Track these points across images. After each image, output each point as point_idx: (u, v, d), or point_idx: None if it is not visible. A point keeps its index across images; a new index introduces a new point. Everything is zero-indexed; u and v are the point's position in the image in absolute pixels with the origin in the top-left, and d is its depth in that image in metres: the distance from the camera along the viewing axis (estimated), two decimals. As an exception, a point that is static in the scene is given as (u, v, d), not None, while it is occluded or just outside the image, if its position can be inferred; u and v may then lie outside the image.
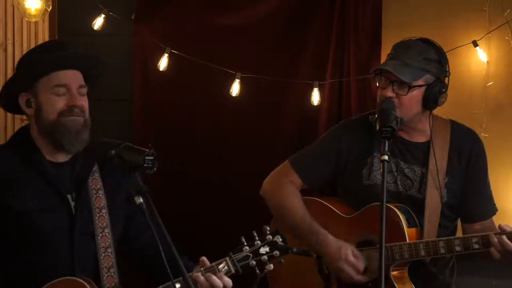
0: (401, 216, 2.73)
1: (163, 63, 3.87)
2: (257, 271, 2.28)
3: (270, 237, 2.28)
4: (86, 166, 2.47)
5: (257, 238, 2.28)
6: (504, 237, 2.55)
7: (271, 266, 2.28)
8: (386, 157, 2.37)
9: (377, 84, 2.80)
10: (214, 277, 2.27)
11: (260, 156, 3.87)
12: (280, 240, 2.29)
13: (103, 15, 3.90)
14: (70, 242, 2.38)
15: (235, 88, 3.79)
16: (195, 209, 4.02)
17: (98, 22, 3.91)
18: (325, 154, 2.94)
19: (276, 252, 2.29)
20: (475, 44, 3.54)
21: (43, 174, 2.39)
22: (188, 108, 4.04)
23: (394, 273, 2.75)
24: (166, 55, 3.86)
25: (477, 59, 3.58)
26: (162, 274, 2.10)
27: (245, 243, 2.28)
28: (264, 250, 2.28)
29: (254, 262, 2.27)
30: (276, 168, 3.04)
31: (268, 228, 2.30)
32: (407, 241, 2.71)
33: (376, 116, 2.70)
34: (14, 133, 2.59)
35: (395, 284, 2.72)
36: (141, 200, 2.06)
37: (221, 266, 2.30)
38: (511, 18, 3.51)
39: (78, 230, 2.39)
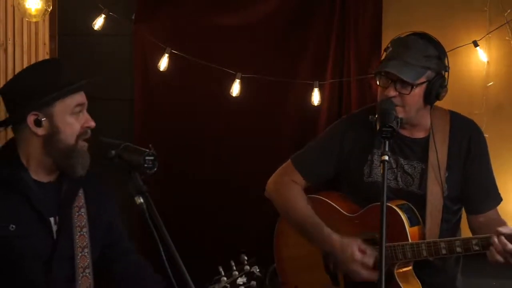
0: (402, 216, 2.73)
1: (163, 63, 3.87)
2: None
3: (248, 267, 2.30)
4: (72, 190, 2.44)
5: (234, 269, 2.29)
6: (503, 237, 2.55)
7: None
8: (386, 158, 2.36)
9: (378, 83, 2.80)
10: None
11: (260, 156, 3.87)
12: (257, 270, 2.30)
13: (103, 15, 3.90)
14: (48, 266, 2.34)
15: (235, 88, 3.79)
16: (195, 209, 4.02)
17: (98, 22, 3.91)
18: (327, 152, 2.95)
19: (253, 283, 2.29)
20: (475, 44, 3.53)
21: (27, 196, 2.34)
22: (188, 108, 4.04)
23: (399, 271, 2.75)
24: (166, 55, 3.86)
25: (478, 59, 3.58)
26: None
27: (223, 273, 2.29)
28: (241, 280, 2.28)
29: None
30: (278, 167, 3.05)
31: (246, 258, 2.31)
32: (410, 240, 2.71)
33: (376, 116, 2.70)
34: (0, 148, 2.51)
35: (400, 284, 2.72)
36: (141, 200, 2.05)
37: None
38: (511, 18, 3.51)
39: (58, 255, 2.36)
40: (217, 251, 3.92)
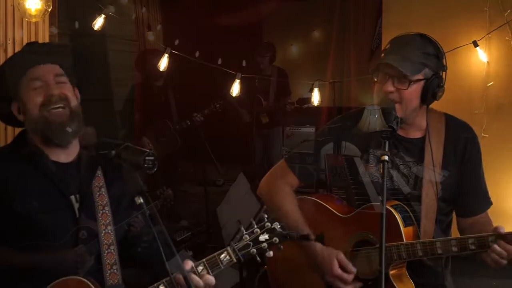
0: (397, 216, 2.72)
1: (163, 63, 3.87)
2: (258, 258, 2.28)
3: (269, 224, 2.28)
4: (90, 169, 2.48)
5: (255, 226, 2.28)
6: (503, 242, 2.53)
7: (271, 253, 2.28)
8: (386, 158, 2.36)
9: (375, 80, 2.79)
10: (193, 276, 2.27)
11: (260, 155, 3.87)
12: (279, 227, 2.28)
13: (103, 15, 3.90)
14: (74, 244, 2.38)
15: (235, 88, 3.79)
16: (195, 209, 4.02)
17: (98, 22, 3.91)
18: (322, 152, 2.94)
19: (276, 239, 2.28)
20: (475, 44, 3.54)
21: (47, 175, 2.39)
22: (188, 108, 4.04)
23: (393, 272, 2.75)
24: (166, 55, 3.86)
25: (478, 59, 3.59)
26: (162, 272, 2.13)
27: (245, 232, 2.28)
28: (263, 237, 2.27)
29: (255, 250, 2.27)
30: (272, 167, 3.04)
31: (266, 216, 2.29)
32: (404, 241, 2.70)
33: (376, 116, 2.69)
34: (16, 135, 2.58)
35: (394, 284, 2.72)
36: (141, 200, 2.06)
37: (222, 256, 2.30)
38: (511, 18, 3.51)
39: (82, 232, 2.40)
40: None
